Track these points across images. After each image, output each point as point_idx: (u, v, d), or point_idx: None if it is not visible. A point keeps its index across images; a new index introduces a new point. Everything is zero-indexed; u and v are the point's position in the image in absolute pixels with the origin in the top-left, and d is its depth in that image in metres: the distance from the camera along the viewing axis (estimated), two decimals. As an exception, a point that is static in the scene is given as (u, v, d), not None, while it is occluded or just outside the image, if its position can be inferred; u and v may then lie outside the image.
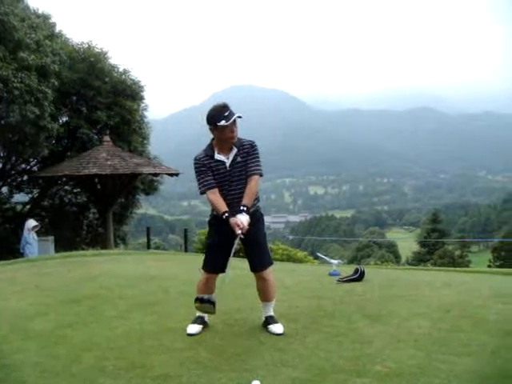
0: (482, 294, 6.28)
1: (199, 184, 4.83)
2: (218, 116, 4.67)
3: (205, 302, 3.71)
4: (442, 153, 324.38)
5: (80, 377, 3.98)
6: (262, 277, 5.00)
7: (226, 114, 4.65)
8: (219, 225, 4.83)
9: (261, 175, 4.88)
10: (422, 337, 4.68)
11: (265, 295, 5.09)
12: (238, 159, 4.81)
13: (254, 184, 4.80)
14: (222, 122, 4.65)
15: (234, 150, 4.80)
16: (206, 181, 4.80)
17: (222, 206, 4.74)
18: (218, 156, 4.81)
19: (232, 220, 4.63)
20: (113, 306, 6.11)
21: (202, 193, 4.86)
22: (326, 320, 5.29)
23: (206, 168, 4.81)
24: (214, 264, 4.99)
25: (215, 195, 4.80)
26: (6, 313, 5.94)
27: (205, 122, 4.77)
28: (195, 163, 4.85)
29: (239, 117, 4.71)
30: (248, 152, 4.83)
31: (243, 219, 4.65)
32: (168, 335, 4.94)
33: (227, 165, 4.81)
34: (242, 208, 4.71)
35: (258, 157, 4.88)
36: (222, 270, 4.92)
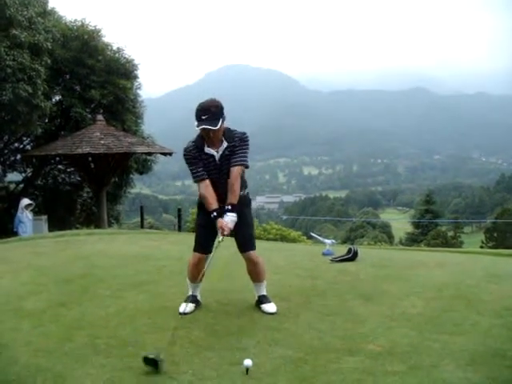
0: (475, 274, 6.30)
1: (192, 174, 4.82)
2: (197, 116, 4.59)
3: (149, 363, 3.68)
4: (435, 134, 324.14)
5: (73, 355, 3.99)
6: (249, 258, 4.99)
7: (204, 117, 4.53)
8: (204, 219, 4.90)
9: (245, 167, 4.81)
10: (414, 316, 4.70)
11: (255, 276, 5.10)
12: (227, 153, 4.74)
13: (235, 177, 4.73)
14: (195, 124, 4.60)
15: (225, 144, 4.72)
16: (198, 171, 4.77)
17: (212, 203, 4.73)
18: (207, 149, 4.74)
19: (218, 223, 4.66)
20: (106, 285, 6.10)
21: (196, 182, 4.86)
22: (319, 299, 5.31)
23: (196, 160, 4.77)
24: (205, 244, 4.99)
25: (207, 189, 4.77)
26: (-2, 292, 5.93)
27: (199, 101, 4.72)
28: (185, 155, 4.80)
29: (210, 129, 4.55)
30: (235, 145, 4.75)
31: (229, 220, 4.66)
32: (161, 314, 4.94)
33: (217, 158, 4.75)
34: (227, 207, 4.70)
35: (245, 149, 4.78)
36: (210, 251, 4.96)
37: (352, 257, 7.27)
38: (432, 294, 5.41)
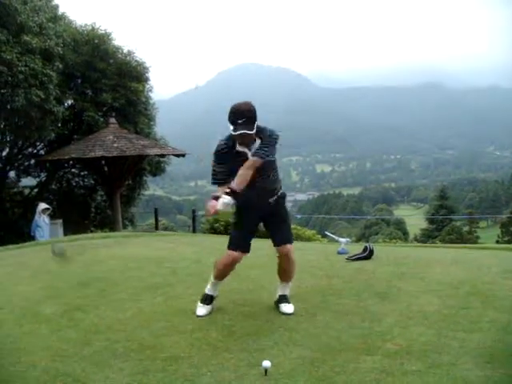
0: (491, 270, 6.27)
1: (212, 176, 4.87)
2: (232, 119, 4.59)
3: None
4: (448, 129, 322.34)
5: (91, 359, 4.01)
6: (284, 253, 4.94)
7: (240, 121, 4.53)
8: (248, 204, 4.87)
9: (262, 158, 4.69)
10: (431, 314, 4.69)
11: (286, 275, 5.07)
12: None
13: (249, 166, 4.66)
14: (231, 128, 4.59)
15: (257, 142, 4.73)
16: (217, 175, 4.83)
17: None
18: (239, 147, 4.73)
19: (211, 202, 4.65)
20: (122, 289, 6.12)
21: (213, 184, 4.92)
22: (336, 298, 5.30)
23: (222, 163, 4.80)
24: (245, 243, 4.97)
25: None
26: (16, 297, 5.97)
27: (210, 101, 4.77)
28: (215, 154, 4.82)
29: (247, 133, 4.58)
30: (263, 140, 4.74)
31: (221, 202, 4.58)
32: (178, 316, 4.96)
33: (249, 155, 4.70)
34: (226, 190, 4.62)
35: (268, 143, 4.73)
36: (248, 251, 4.98)
37: (368, 255, 7.26)
38: (448, 291, 5.39)
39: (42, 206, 15.50)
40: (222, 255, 5.00)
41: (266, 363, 3.56)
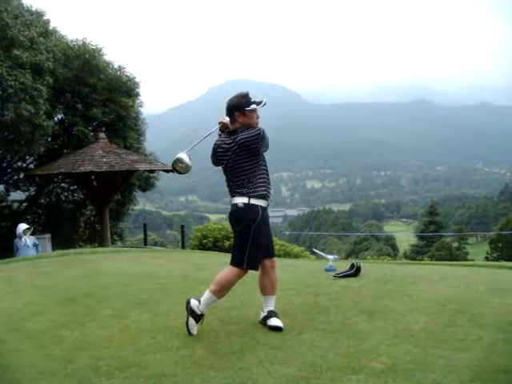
0: (479, 288, 6.27)
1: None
2: (249, 101, 4.92)
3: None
4: (438, 145, 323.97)
5: (75, 377, 3.97)
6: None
7: (257, 100, 4.93)
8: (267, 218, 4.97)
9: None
10: (417, 332, 4.67)
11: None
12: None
13: None
14: (253, 106, 4.89)
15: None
16: None
17: None
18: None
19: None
20: (109, 305, 6.08)
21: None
22: (322, 316, 5.28)
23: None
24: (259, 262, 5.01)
25: None
26: (1, 313, 5.92)
27: (201, 117, 4.82)
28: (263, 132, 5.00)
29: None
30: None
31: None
32: (163, 333, 4.92)
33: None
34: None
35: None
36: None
37: (354, 272, 7.25)
38: (435, 308, 5.38)
39: (21, 227, 14.61)
40: (231, 273, 4.90)
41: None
